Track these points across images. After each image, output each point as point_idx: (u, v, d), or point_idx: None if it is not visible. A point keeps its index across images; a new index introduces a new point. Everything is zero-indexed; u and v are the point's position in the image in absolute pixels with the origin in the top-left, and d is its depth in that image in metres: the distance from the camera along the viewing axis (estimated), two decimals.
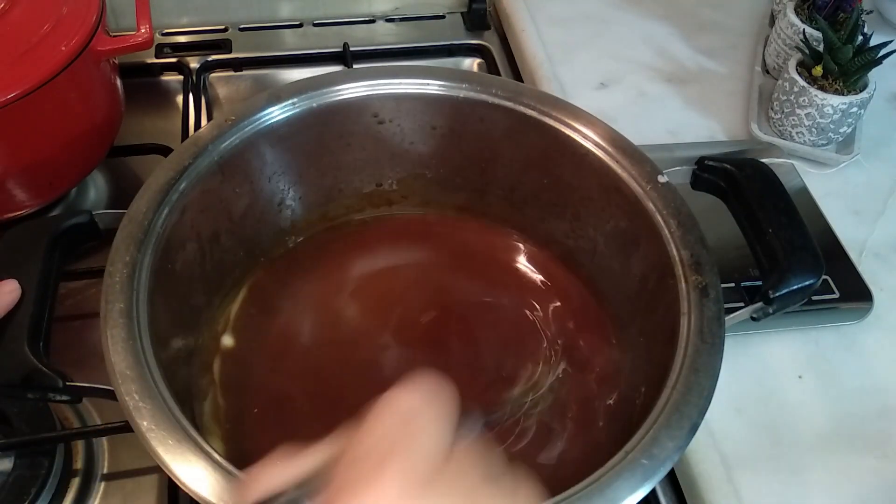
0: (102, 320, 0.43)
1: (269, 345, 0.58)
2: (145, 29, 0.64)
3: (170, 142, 0.73)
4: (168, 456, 0.38)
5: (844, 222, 0.69)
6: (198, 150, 0.52)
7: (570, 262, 0.62)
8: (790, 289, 0.47)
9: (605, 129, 0.56)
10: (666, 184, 0.53)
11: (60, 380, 0.42)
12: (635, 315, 0.55)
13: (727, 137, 0.77)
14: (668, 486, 0.56)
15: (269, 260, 0.62)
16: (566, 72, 0.82)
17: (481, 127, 0.60)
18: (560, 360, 0.58)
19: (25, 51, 0.56)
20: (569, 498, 0.38)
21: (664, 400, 0.43)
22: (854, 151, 0.74)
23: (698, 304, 0.47)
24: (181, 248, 0.52)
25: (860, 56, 0.69)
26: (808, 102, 0.72)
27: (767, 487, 0.53)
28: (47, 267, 0.46)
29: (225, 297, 0.59)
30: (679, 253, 0.50)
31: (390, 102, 0.59)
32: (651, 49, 0.87)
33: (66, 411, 0.55)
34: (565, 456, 0.52)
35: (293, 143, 0.58)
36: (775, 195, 0.51)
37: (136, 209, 0.49)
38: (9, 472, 0.50)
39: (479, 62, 0.90)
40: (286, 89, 0.57)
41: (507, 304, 0.61)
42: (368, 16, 0.92)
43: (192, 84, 0.81)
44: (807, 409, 0.57)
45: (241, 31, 0.88)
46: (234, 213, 0.57)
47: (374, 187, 0.65)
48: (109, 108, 0.67)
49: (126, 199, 0.49)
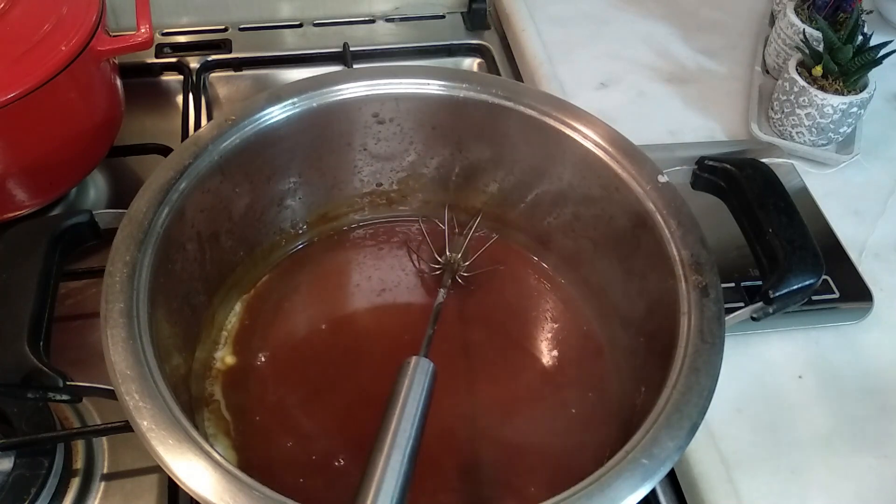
0: (102, 320, 0.43)
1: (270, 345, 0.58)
2: (145, 29, 0.64)
3: (170, 142, 0.73)
4: (168, 456, 0.38)
5: (844, 222, 0.69)
6: (198, 150, 0.52)
7: (570, 261, 0.62)
8: (790, 289, 0.47)
9: (605, 129, 0.56)
10: (666, 184, 0.53)
11: (60, 380, 0.42)
12: (635, 315, 0.55)
13: (727, 137, 0.77)
14: (668, 486, 0.56)
15: (268, 260, 0.62)
16: (566, 72, 0.82)
17: (481, 127, 0.60)
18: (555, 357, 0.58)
19: (25, 51, 0.56)
20: (569, 498, 0.38)
21: (664, 400, 0.43)
22: (854, 151, 0.74)
23: (698, 304, 0.47)
24: (181, 248, 0.52)
25: (860, 56, 0.69)
26: (808, 102, 0.72)
27: (767, 487, 0.53)
28: (47, 267, 0.46)
29: (225, 298, 0.59)
30: (679, 253, 0.50)
31: (390, 102, 0.59)
32: (651, 49, 0.87)
33: (66, 411, 0.55)
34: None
35: (293, 143, 0.58)
36: (775, 195, 0.51)
37: (136, 209, 0.49)
38: (9, 472, 0.50)
39: (479, 62, 0.90)
40: (286, 89, 0.57)
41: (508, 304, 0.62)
42: (368, 16, 0.92)
43: (192, 84, 0.81)
44: (807, 409, 0.57)
45: (241, 31, 0.88)
46: (234, 213, 0.57)
47: (374, 187, 0.65)
48: (109, 108, 0.67)
49: (126, 199, 0.49)
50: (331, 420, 0.54)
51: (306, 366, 0.57)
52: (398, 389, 0.46)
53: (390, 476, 0.41)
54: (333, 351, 0.58)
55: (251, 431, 0.53)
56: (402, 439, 0.43)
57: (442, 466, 0.52)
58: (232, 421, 0.53)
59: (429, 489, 0.50)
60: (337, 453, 0.52)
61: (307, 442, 0.53)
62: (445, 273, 0.61)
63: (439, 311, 0.56)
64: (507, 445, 0.53)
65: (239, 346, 0.57)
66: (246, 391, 0.55)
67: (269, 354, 0.57)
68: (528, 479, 0.52)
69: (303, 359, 0.57)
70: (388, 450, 0.42)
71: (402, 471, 0.41)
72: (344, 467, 0.51)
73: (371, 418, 0.45)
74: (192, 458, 0.38)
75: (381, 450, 0.42)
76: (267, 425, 0.53)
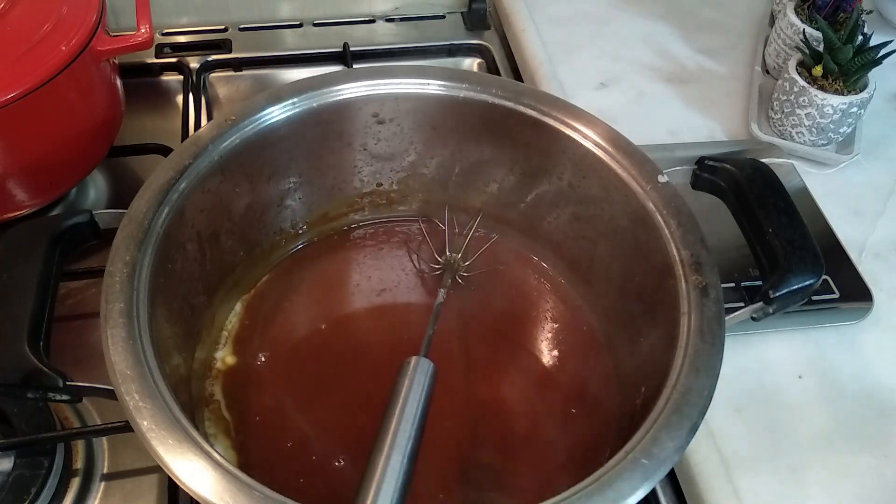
0: (102, 320, 0.43)
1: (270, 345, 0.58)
2: (145, 29, 0.64)
3: (170, 142, 0.73)
4: (168, 455, 0.38)
5: (844, 222, 0.69)
6: (198, 150, 0.52)
7: (569, 261, 0.62)
8: (790, 289, 0.47)
9: (605, 129, 0.56)
10: (666, 184, 0.53)
11: (60, 380, 0.42)
12: (635, 315, 0.55)
13: (727, 137, 0.77)
14: (668, 486, 0.56)
15: (268, 260, 0.62)
16: (566, 72, 0.82)
17: (481, 127, 0.60)
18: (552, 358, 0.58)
19: (25, 51, 0.56)
20: (569, 498, 0.38)
21: (664, 400, 0.43)
22: (854, 151, 0.74)
23: (698, 304, 0.47)
24: (181, 248, 0.52)
25: (860, 56, 0.69)
26: (808, 102, 0.72)
27: (767, 487, 0.53)
28: (47, 267, 0.46)
29: (225, 298, 0.59)
30: (679, 253, 0.50)
31: (390, 102, 0.59)
32: (651, 49, 0.87)
33: (66, 411, 0.55)
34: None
35: (293, 143, 0.58)
36: (775, 195, 0.51)
37: (136, 209, 0.49)
38: (9, 472, 0.50)
39: (479, 62, 0.90)
40: (286, 89, 0.57)
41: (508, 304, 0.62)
42: (368, 16, 0.92)
43: (192, 84, 0.81)
44: (807, 409, 0.57)
45: (241, 31, 0.88)
46: (234, 213, 0.57)
47: (374, 187, 0.65)
48: (109, 108, 0.67)
49: (126, 199, 0.49)
50: (331, 420, 0.54)
51: (306, 366, 0.57)
52: (398, 390, 0.46)
53: (390, 476, 0.41)
54: (333, 351, 0.58)
55: (251, 431, 0.53)
56: (402, 439, 0.43)
57: (442, 466, 0.52)
58: (232, 421, 0.53)
59: (429, 489, 0.50)
60: (337, 453, 0.52)
61: (307, 442, 0.53)
62: (445, 273, 0.61)
63: (439, 311, 0.56)
64: (506, 445, 0.54)
65: (239, 346, 0.57)
66: (246, 391, 0.55)
67: (269, 354, 0.57)
68: (527, 479, 0.52)
69: (303, 359, 0.57)
70: (388, 450, 0.42)
71: (402, 471, 0.42)
72: (344, 467, 0.51)
73: (371, 418, 0.45)
74: (192, 458, 0.38)
75: (381, 450, 0.42)
76: (267, 425, 0.53)
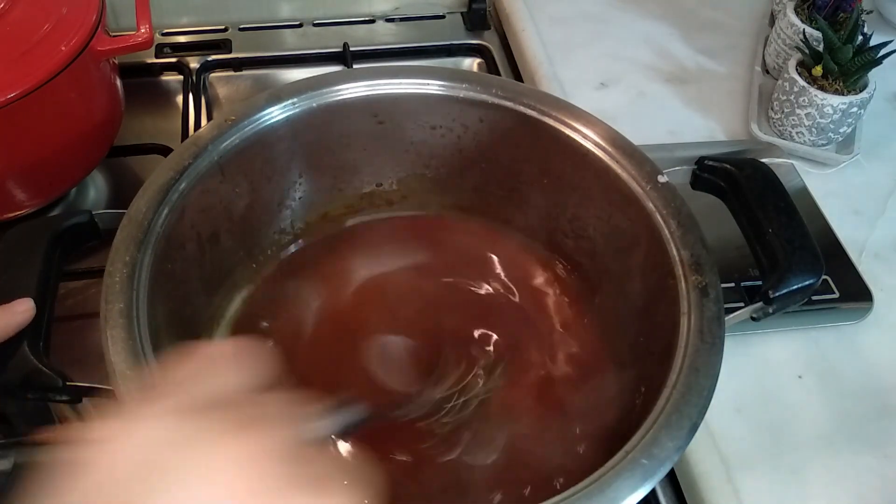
0: (102, 320, 0.43)
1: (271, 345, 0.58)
2: (145, 29, 0.64)
3: (170, 142, 0.73)
4: None
5: (844, 222, 0.69)
6: (198, 150, 0.52)
7: (569, 261, 0.62)
8: (790, 289, 0.47)
9: (605, 129, 0.56)
10: (666, 184, 0.53)
11: (60, 380, 0.42)
12: (635, 315, 0.55)
13: (727, 137, 0.77)
14: (668, 486, 0.56)
15: (269, 260, 0.62)
16: (566, 72, 0.82)
17: (481, 127, 0.60)
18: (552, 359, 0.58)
19: (25, 51, 0.56)
20: (569, 498, 0.38)
21: (664, 400, 0.43)
22: (854, 151, 0.74)
23: (698, 304, 0.47)
24: (181, 249, 0.52)
25: (860, 56, 0.69)
26: (808, 102, 0.72)
27: (767, 487, 0.53)
28: (47, 267, 0.46)
29: (225, 298, 0.59)
30: (679, 253, 0.50)
31: (390, 102, 0.59)
32: (651, 49, 0.87)
33: (66, 411, 0.55)
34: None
35: (293, 143, 0.58)
36: (775, 195, 0.51)
37: (136, 209, 0.48)
38: (9, 472, 0.50)
39: (479, 62, 0.90)
40: (286, 89, 0.57)
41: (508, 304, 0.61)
42: (368, 16, 0.92)
43: (192, 84, 0.81)
44: (807, 409, 0.57)
45: (241, 31, 0.88)
46: (234, 213, 0.57)
47: (374, 187, 0.65)
48: (109, 108, 0.67)
49: (126, 199, 0.49)
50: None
51: (306, 366, 0.57)
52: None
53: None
54: (333, 351, 0.58)
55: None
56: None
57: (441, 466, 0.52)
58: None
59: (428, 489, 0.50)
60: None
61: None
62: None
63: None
64: (505, 445, 0.53)
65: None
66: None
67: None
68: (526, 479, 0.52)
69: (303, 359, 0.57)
70: None
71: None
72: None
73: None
74: None
75: None
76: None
